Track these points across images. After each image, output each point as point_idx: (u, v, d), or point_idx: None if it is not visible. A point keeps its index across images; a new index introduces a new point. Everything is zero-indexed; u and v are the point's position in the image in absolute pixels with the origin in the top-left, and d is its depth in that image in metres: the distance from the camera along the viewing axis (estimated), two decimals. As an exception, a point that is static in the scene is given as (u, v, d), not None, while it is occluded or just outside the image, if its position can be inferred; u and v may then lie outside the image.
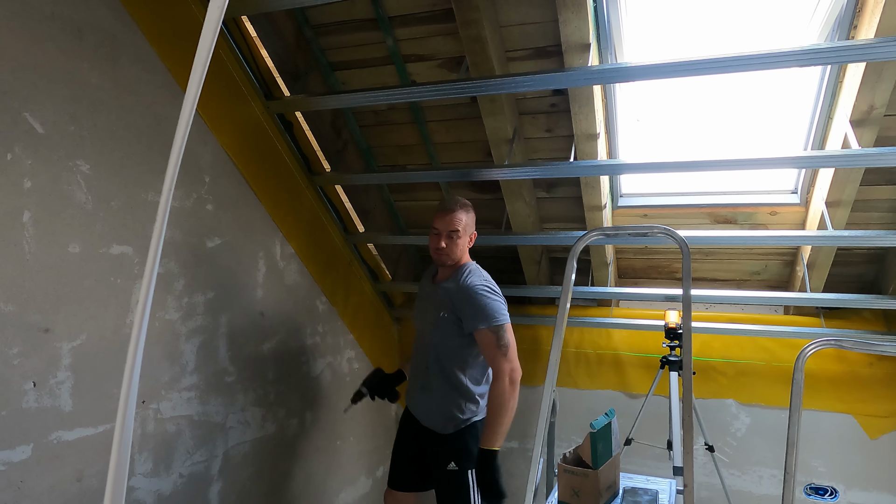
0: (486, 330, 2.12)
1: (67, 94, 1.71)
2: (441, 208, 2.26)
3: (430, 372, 2.26)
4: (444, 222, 2.23)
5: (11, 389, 1.57)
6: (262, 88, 2.44)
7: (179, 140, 0.47)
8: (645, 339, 3.05)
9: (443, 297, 2.23)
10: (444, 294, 2.23)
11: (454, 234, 2.22)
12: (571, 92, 2.26)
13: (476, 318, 2.14)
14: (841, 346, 1.34)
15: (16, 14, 1.58)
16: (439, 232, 2.23)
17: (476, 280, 2.21)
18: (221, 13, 0.43)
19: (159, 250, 0.47)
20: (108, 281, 1.83)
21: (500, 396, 2.07)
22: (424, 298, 2.36)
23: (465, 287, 2.18)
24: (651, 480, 1.74)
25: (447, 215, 2.23)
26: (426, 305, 2.32)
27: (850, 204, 2.34)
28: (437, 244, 2.23)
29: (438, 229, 2.23)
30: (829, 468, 2.77)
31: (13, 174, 1.57)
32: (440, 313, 2.21)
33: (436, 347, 2.24)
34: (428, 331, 2.27)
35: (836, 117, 2.20)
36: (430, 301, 2.29)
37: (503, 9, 2.16)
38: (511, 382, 2.07)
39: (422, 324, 2.34)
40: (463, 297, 2.17)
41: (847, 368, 2.76)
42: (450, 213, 2.23)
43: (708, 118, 2.67)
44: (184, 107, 0.45)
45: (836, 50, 1.74)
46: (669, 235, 1.52)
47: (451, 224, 2.22)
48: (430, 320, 2.27)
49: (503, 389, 2.06)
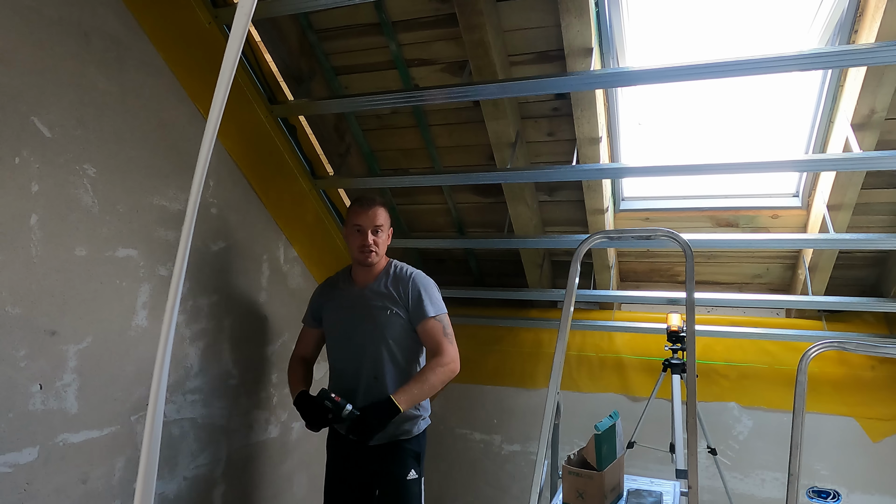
0: (433, 319, 2.07)
1: (74, 98, 1.72)
2: (360, 204, 2.12)
3: (384, 379, 2.07)
4: (366, 217, 2.09)
5: (18, 392, 1.58)
6: (266, 93, 2.45)
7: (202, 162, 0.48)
8: (647, 342, 3.05)
9: (379, 296, 2.11)
10: (379, 293, 2.11)
11: (379, 229, 2.11)
12: (574, 96, 2.28)
13: (427, 307, 2.08)
14: (844, 349, 1.35)
15: (24, 19, 1.59)
16: (363, 228, 2.09)
17: (415, 270, 2.17)
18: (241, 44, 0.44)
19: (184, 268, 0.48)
20: (114, 284, 1.84)
21: (436, 372, 1.99)
22: (348, 307, 2.16)
23: (415, 278, 2.13)
24: (655, 482, 1.75)
25: (369, 209, 2.10)
26: (354, 313, 2.13)
27: (852, 207, 2.35)
28: (363, 241, 2.09)
29: (362, 225, 2.09)
30: (831, 471, 2.77)
31: (21, 178, 1.58)
32: (386, 311, 2.08)
33: (388, 348, 2.08)
34: (371, 337, 2.09)
35: (838, 121, 2.21)
36: (360, 307, 2.12)
37: (506, 13, 2.17)
38: (451, 370, 2.03)
39: (355, 334, 2.12)
40: (414, 288, 2.10)
41: (849, 371, 2.76)
42: (371, 207, 2.10)
43: (710, 122, 2.68)
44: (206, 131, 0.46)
45: (837, 54, 1.75)
46: (673, 238, 1.53)
47: (375, 218, 2.09)
48: (372, 324, 2.09)
49: (444, 369, 2.00)
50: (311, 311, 2.29)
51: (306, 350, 2.29)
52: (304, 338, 2.31)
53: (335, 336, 2.19)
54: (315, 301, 2.29)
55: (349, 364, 2.12)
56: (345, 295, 2.19)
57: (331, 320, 2.21)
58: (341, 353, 2.15)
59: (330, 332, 2.21)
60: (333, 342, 2.20)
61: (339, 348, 2.16)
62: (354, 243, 2.11)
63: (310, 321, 2.28)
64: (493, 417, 3.38)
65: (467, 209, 3.07)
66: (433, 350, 2.07)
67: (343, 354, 2.15)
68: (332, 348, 2.21)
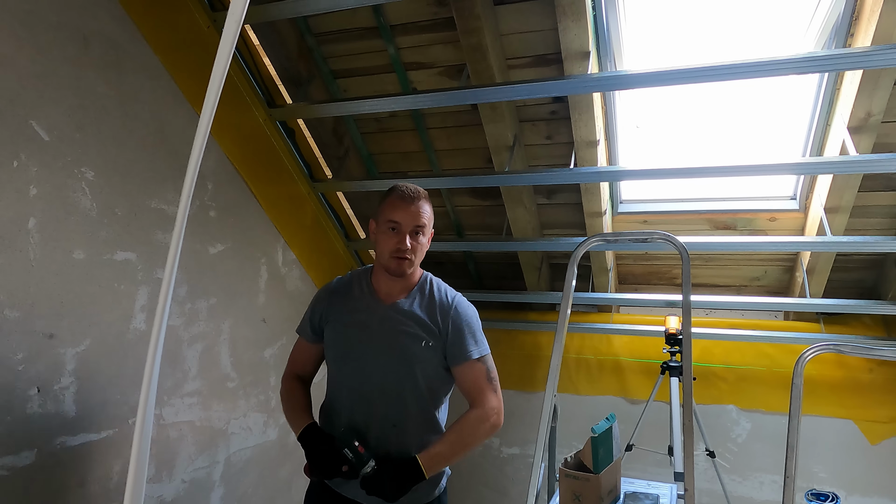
0: (477, 361, 1.61)
1: (73, 101, 1.73)
2: (400, 195, 1.60)
3: (405, 429, 1.58)
4: (408, 213, 1.58)
5: (16, 395, 1.58)
6: (265, 96, 2.46)
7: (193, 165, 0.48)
8: (645, 344, 3.05)
9: (412, 319, 1.61)
10: (411, 316, 1.61)
11: (420, 230, 1.60)
12: (571, 99, 2.28)
13: (470, 346, 1.62)
14: (840, 351, 1.35)
15: (23, 23, 1.60)
16: (401, 227, 1.58)
17: (456, 293, 1.71)
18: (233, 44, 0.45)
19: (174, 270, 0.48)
20: (112, 287, 1.84)
21: (477, 430, 1.56)
22: (366, 326, 1.63)
23: (458, 305, 1.65)
24: (652, 485, 1.75)
25: (412, 203, 1.59)
26: (375, 336, 1.61)
27: (849, 210, 2.35)
28: (399, 244, 1.57)
29: (399, 223, 1.57)
30: (830, 474, 2.77)
31: (19, 181, 1.59)
32: (420, 342, 1.58)
33: (417, 390, 1.59)
34: (395, 372, 1.59)
35: (834, 124, 2.22)
36: (385, 329, 1.61)
37: (503, 17, 2.18)
38: (493, 425, 1.58)
39: (373, 363, 1.60)
40: (456, 318, 1.62)
41: (847, 374, 2.76)
42: (414, 200, 1.59)
43: (707, 125, 2.69)
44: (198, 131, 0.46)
45: (833, 58, 1.76)
46: (669, 241, 1.53)
47: (419, 216, 1.59)
48: (399, 355, 1.59)
49: (486, 426, 1.56)
50: (310, 320, 1.73)
51: (304, 367, 1.76)
52: (301, 352, 1.77)
53: (343, 360, 1.64)
54: (317, 309, 1.72)
55: (359, 402, 1.60)
56: (362, 308, 1.65)
57: (338, 339, 1.66)
58: (349, 384, 1.62)
59: (335, 353, 1.66)
60: (339, 368, 1.65)
61: (347, 378, 1.63)
62: (386, 245, 1.59)
63: (308, 333, 1.73)
64: (491, 420, 3.37)
65: (466, 212, 3.08)
66: (471, 398, 1.60)
67: (351, 386, 1.62)
68: (335, 375, 1.67)
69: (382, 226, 1.61)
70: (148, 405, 0.48)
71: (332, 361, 1.69)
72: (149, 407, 0.48)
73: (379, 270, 1.67)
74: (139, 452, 0.47)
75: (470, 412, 1.58)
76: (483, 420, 1.56)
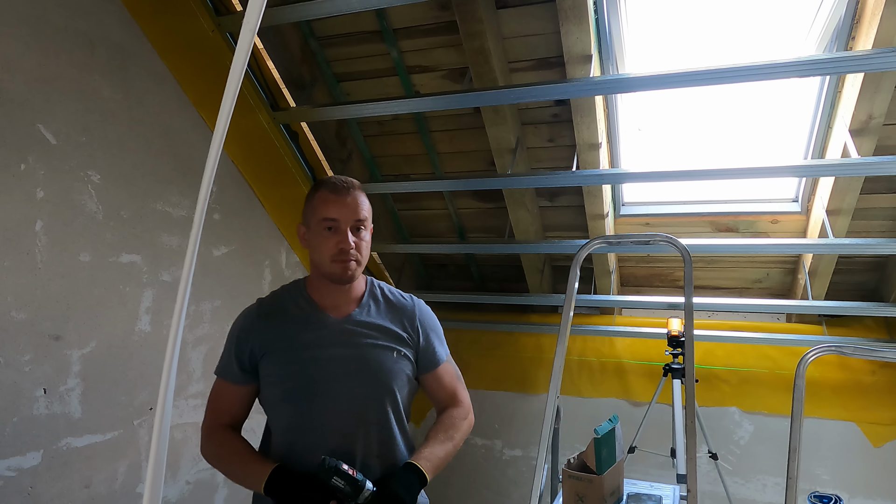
0: (447, 362, 1.53)
1: (79, 105, 1.74)
2: (331, 188, 1.38)
3: (394, 457, 1.41)
4: (345, 207, 1.36)
5: (23, 396, 1.59)
6: (269, 99, 2.47)
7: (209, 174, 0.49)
8: (648, 347, 3.06)
9: (377, 330, 1.42)
10: (375, 326, 1.42)
11: (362, 225, 1.39)
12: (573, 102, 2.29)
13: (439, 349, 1.51)
14: (842, 353, 1.36)
15: (30, 28, 1.62)
16: (338, 224, 1.36)
17: (417, 297, 1.57)
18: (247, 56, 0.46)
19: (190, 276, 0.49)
20: (118, 289, 1.86)
21: (462, 428, 1.47)
22: (321, 347, 1.38)
23: (420, 307, 1.53)
24: (655, 486, 1.75)
25: (347, 196, 1.37)
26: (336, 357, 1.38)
27: (851, 212, 2.36)
28: (343, 244, 1.35)
29: (336, 219, 1.35)
30: (832, 476, 2.77)
31: (27, 184, 1.60)
32: (393, 353, 1.42)
33: (396, 409, 1.42)
34: (372, 393, 1.39)
35: (836, 127, 2.23)
36: (348, 346, 1.39)
37: (506, 21, 2.19)
38: (471, 422, 1.52)
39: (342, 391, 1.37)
40: (423, 322, 1.50)
41: (850, 376, 2.76)
42: (350, 191, 1.38)
43: (709, 128, 2.70)
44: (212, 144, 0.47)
45: (835, 61, 1.76)
46: (671, 243, 1.54)
47: (357, 209, 1.38)
48: (373, 373, 1.39)
49: (467, 423, 1.50)
50: (237, 357, 1.39)
51: (232, 415, 1.42)
52: (226, 398, 1.42)
53: (302, 395, 1.36)
54: (244, 342, 1.39)
55: (334, 439, 1.35)
56: (309, 329, 1.40)
57: (290, 372, 1.37)
58: (317, 422, 1.36)
59: (286, 390, 1.37)
60: (296, 406, 1.36)
61: (314, 416, 1.36)
62: (325, 248, 1.36)
63: (235, 373, 1.39)
64: (494, 423, 3.38)
65: (468, 215, 3.08)
66: (447, 401, 1.52)
67: (319, 425, 1.35)
68: (287, 416, 1.38)
69: (316, 227, 1.37)
70: (165, 410, 0.49)
71: (280, 397, 1.38)
72: (166, 410, 0.49)
73: (317, 281, 1.43)
74: (157, 456, 0.48)
75: (453, 411, 1.50)
76: (465, 417, 1.50)
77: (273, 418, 1.42)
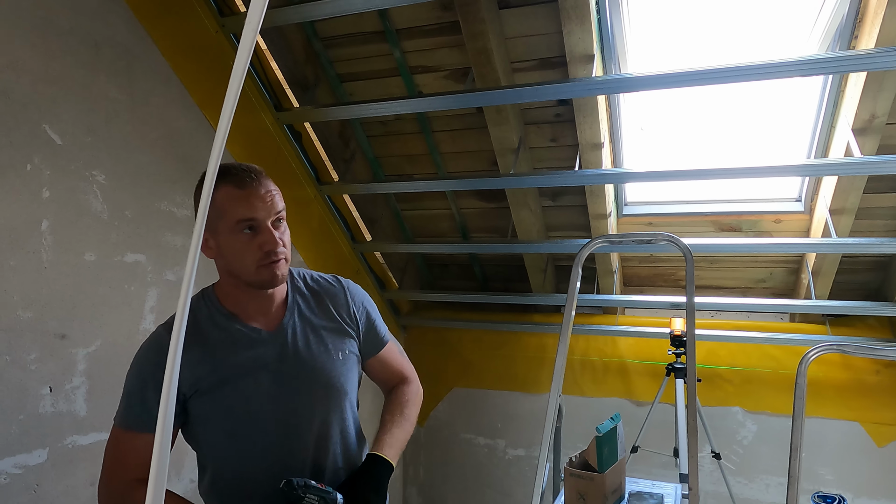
0: (390, 342, 1.44)
1: (85, 106, 1.76)
2: (239, 183, 1.17)
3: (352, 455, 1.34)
4: (261, 202, 1.17)
5: (29, 394, 1.61)
6: (272, 100, 2.48)
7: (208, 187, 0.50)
8: (650, 346, 3.06)
9: (318, 331, 1.28)
10: (315, 326, 1.28)
11: (281, 218, 1.23)
12: (576, 102, 2.30)
13: (382, 329, 1.41)
14: (843, 351, 1.36)
15: (36, 28, 1.63)
16: (259, 223, 1.16)
17: (332, 275, 1.41)
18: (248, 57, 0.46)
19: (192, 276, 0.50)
20: (123, 288, 1.87)
21: (416, 404, 1.41)
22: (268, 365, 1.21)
23: (351, 288, 1.38)
24: (657, 485, 1.76)
25: (260, 188, 1.19)
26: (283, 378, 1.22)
27: (854, 211, 2.36)
28: (269, 245, 1.16)
29: (255, 218, 1.16)
30: (836, 476, 2.76)
31: (32, 184, 1.62)
32: (339, 354, 1.29)
33: (353, 413, 1.35)
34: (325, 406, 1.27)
35: (839, 126, 2.22)
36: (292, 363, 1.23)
37: (508, 21, 2.20)
38: (421, 395, 1.46)
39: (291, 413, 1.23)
40: (360, 304, 1.37)
41: (854, 376, 2.76)
42: (261, 181, 1.20)
43: (712, 127, 2.70)
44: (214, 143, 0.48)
45: (838, 60, 1.76)
46: (673, 243, 1.54)
47: (274, 201, 1.21)
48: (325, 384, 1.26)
49: (419, 397, 1.44)
50: (152, 402, 1.15)
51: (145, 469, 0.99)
52: (135, 451, 1.17)
53: (244, 429, 1.21)
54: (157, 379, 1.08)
55: (290, 462, 1.23)
56: (240, 348, 1.21)
57: (225, 406, 1.19)
58: (268, 453, 1.22)
59: (224, 428, 1.21)
60: (238, 441, 1.21)
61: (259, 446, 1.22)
62: (248, 253, 1.16)
63: (149, 421, 1.15)
64: (497, 422, 3.38)
65: (471, 214, 3.09)
66: (395, 380, 1.45)
67: (270, 454, 1.22)
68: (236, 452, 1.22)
69: (230, 230, 1.15)
70: (169, 407, 0.50)
71: (228, 437, 1.21)
72: (169, 408, 0.50)
73: (234, 291, 1.23)
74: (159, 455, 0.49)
75: (404, 388, 1.43)
76: (417, 391, 1.44)
77: (213, 457, 1.24)
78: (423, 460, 3.56)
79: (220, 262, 1.22)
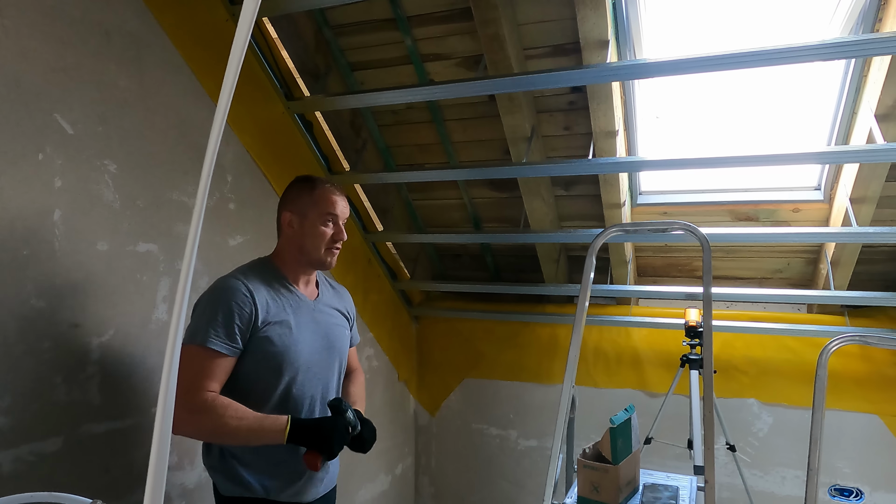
0: (358, 341, 1.95)
1: (96, 95, 1.75)
2: (331, 189, 1.65)
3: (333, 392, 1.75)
4: (343, 205, 1.66)
5: (43, 383, 1.62)
6: (283, 89, 2.47)
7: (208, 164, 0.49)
8: (665, 337, 3.03)
9: (335, 313, 1.75)
10: (334, 309, 1.76)
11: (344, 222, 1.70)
12: (590, 89, 2.26)
13: (357, 333, 1.92)
14: (865, 342, 1.32)
15: (46, 18, 1.63)
16: (337, 219, 1.65)
17: None
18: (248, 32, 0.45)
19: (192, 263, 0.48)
20: (135, 278, 1.87)
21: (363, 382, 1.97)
22: (308, 325, 1.63)
23: (347, 294, 1.88)
24: (672, 477, 1.74)
25: (343, 197, 1.67)
26: (318, 336, 1.66)
27: (876, 200, 2.30)
28: (339, 235, 1.64)
29: (337, 214, 1.64)
30: (854, 469, 2.72)
31: (44, 173, 1.62)
32: (345, 332, 1.78)
33: (344, 367, 1.80)
34: (333, 371, 1.71)
35: (861, 112, 2.17)
36: (324, 327, 1.68)
37: (521, 7, 2.16)
38: None
39: (317, 365, 1.64)
40: (352, 305, 1.87)
41: (873, 368, 2.71)
42: (342, 193, 1.68)
43: (729, 114, 2.64)
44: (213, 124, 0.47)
45: (861, 43, 1.71)
46: (690, 231, 1.51)
47: (347, 209, 1.69)
48: (336, 352, 1.72)
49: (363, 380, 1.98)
50: (234, 325, 1.47)
51: (220, 386, 1.49)
52: (213, 367, 1.46)
53: (293, 365, 1.57)
54: (245, 310, 1.48)
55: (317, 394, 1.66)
56: (293, 308, 1.61)
57: (284, 343, 1.55)
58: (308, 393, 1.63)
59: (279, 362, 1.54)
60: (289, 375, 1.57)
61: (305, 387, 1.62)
62: (322, 238, 1.61)
63: (236, 342, 1.48)
64: (509, 413, 3.38)
65: (483, 204, 3.07)
66: (353, 367, 1.92)
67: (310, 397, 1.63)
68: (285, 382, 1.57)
69: (317, 219, 1.60)
70: (168, 398, 0.49)
71: (280, 369, 1.54)
72: (168, 399, 0.49)
73: (292, 265, 1.64)
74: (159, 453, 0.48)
75: (358, 375, 1.91)
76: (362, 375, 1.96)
77: (262, 388, 1.54)
78: (434, 450, 3.56)
79: (295, 240, 1.62)
